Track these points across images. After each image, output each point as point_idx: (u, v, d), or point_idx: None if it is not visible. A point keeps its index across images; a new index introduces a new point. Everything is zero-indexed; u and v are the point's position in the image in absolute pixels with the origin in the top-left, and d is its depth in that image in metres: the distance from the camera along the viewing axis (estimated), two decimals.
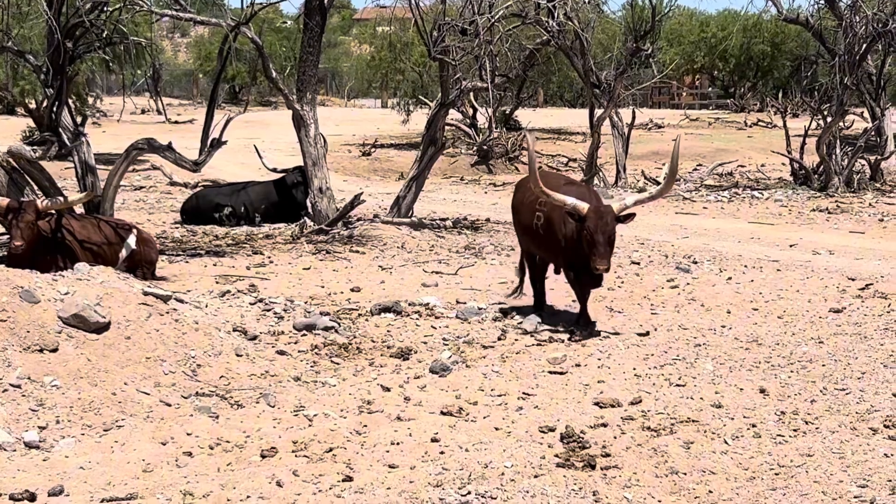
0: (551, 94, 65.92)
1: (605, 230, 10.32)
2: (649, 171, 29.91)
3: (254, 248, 16.67)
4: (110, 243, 12.95)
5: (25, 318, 8.69)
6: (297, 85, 18.74)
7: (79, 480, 6.77)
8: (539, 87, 53.78)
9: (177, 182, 26.22)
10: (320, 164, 18.58)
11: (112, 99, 56.99)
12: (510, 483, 6.78)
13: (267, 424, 8.03)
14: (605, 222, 10.33)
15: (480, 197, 26.85)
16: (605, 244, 10.31)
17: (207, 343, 9.50)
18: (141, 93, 63.85)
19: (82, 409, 7.89)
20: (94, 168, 15.08)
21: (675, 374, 9.47)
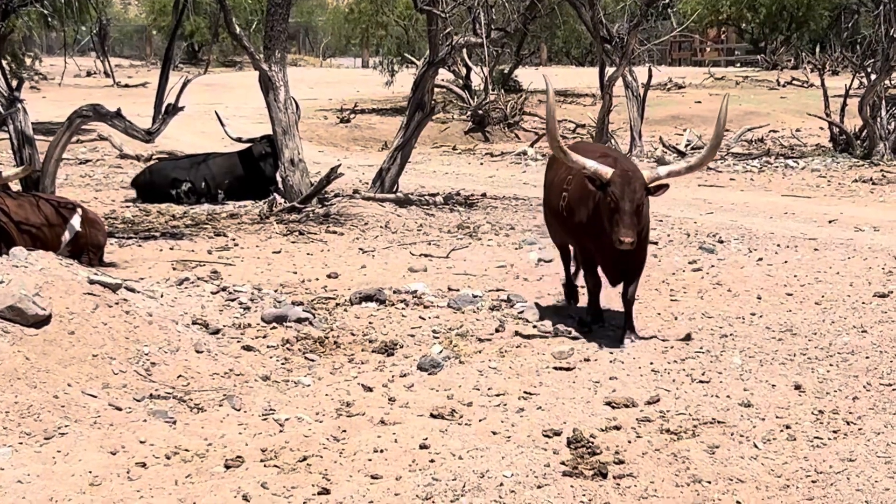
0: (556, 50, 65.96)
1: (632, 198, 9.75)
2: (668, 137, 29.93)
3: (216, 230, 16.66)
4: (51, 225, 12.92)
5: None
6: (264, 42, 18.70)
7: (16, 496, 6.75)
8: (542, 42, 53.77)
9: (128, 154, 26.20)
10: (292, 133, 18.55)
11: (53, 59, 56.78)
12: (510, 495, 6.78)
13: (231, 430, 8.02)
14: (632, 189, 9.78)
15: (475, 168, 26.88)
16: (631, 213, 9.74)
17: (163, 338, 9.48)
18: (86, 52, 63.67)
19: (20, 414, 7.87)
20: (31, 139, 15.03)
21: (698, 369, 9.48)
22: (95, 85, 48.21)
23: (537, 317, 11.26)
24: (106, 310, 9.40)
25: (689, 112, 37.75)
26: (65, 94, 40.72)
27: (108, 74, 54.24)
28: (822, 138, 30.16)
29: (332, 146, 31.63)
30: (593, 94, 40.20)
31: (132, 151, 26.07)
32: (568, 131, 34.52)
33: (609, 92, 26.42)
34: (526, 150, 29.31)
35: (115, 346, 9.05)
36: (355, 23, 47.14)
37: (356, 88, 44.14)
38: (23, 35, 39.44)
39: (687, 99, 41.00)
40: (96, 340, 9.01)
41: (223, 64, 65.32)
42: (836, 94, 28.79)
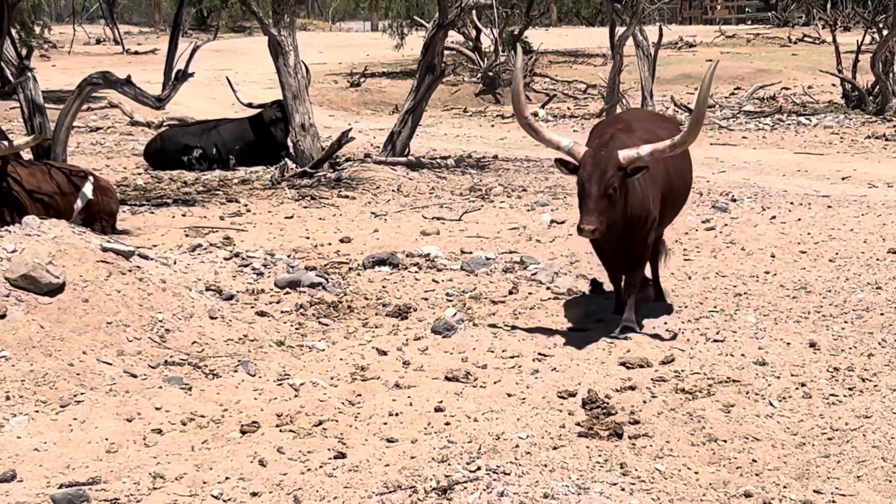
0: (566, 10, 65.62)
1: (600, 180, 8.71)
2: (680, 96, 29.81)
3: (228, 196, 16.66)
4: (63, 193, 12.90)
5: None
6: (273, 6, 18.63)
7: (33, 464, 6.77)
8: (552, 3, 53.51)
9: (138, 121, 26.17)
10: (302, 98, 18.51)
11: (61, 27, 56.70)
12: (525, 456, 6.78)
13: (247, 396, 8.04)
14: (601, 170, 8.74)
15: (486, 131, 26.82)
16: (598, 198, 8.70)
17: (177, 305, 9.49)
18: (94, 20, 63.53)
19: (35, 382, 7.89)
20: (42, 107, 15.02)
21: (713, 329, 9.48)
22: (105, 52, 48.08)
23: (550, 279, 11.24)
24: (119, 277, 9.41)
25: (701, 71, 37.28)
26: (74, 62, 40.66)
27: (118, 42, 54.12)
28: (834, 95, 30.04)
29: (343, 110, 31.57)
30: (604, 55, 40.06)
31: (143, 118, 26.04)
32: (579, 92, 34.47)
33: (620, 52, 26.32)
34: (537, 112, 29.21)
35: (129, 313, 9.07)
36: None
37: (366, 52, 44.02)
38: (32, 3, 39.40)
39: (698, 57, 40.83)
40: (110, 308, 9.03)
41: (232, 29, 65.15)
42: (848, 50, 28.67)
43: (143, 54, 46.30)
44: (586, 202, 8.78)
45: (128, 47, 51.02)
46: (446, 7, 19.14)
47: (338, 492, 6.33)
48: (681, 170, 10.05)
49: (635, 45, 28.03)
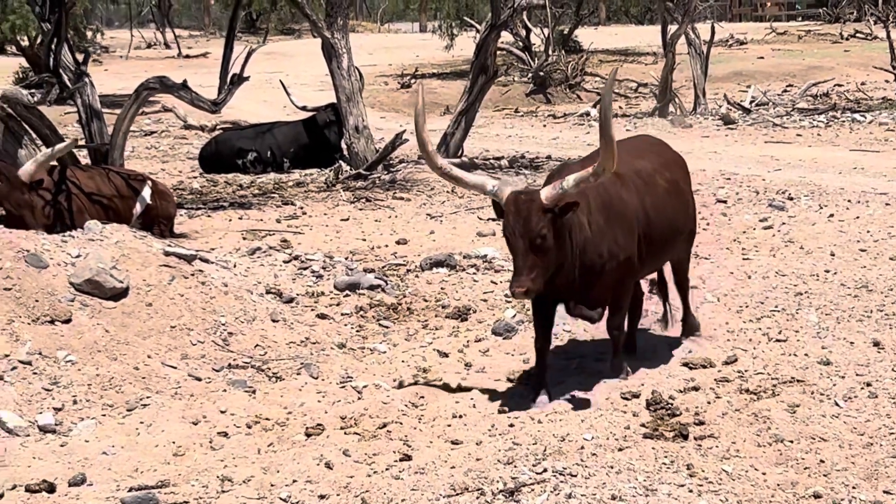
0: (614, 9, 65.50)
1: (524, 230, 7.50)
2: (732, 94, 29.64)
3: (283, 198, 16.72)
4: (122, 197, 12.96)
5: (33, 285, 8.75)
6: (326, 9, 18.71)
7: (102, 467, 6.83)
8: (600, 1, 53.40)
9: (192, 125, 26.34)
10: (356, 100, 18.58)
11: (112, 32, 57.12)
12: (591, 458, 6.77)
13: (310, 399, 8.08)
14: (524, 218, 7.52)
15: (538, 131, 26.77)
16: (525, 253, 7.50)
17: (239, 308, 9.55)
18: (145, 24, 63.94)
19: (101, 386, 7.96)
20: (99, 112, 15.12)
21: (775, 328, 9.43)
22: (156, 56, 48.41)
23: None
24: (182, 281, 9.48)
25: (752, 68, 37.43)
26: (126, 67, 40.97)
27: (169, 46, 54.46)
28: (888, 91, 29.81)
29: (394, 112, 31.63)
30: (654, 53, 39.97)
31: (196, 122, 26.20)
32: (630, 90, 34.34)
33: (672, 50, 26.27)
34: (589, 111, 29.16)
35: (193, 316, 9.13)
36: None
37: (415, 53, 44.10)
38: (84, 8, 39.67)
39: (749, 55, 40.65)
40: (173, 312, 9.10)
41: (281, 32, 65.39)
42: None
43: (195, 57, 46.60)
44: (514, 259, 7.59)
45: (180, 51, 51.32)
46: (499, 7, 19.12)
47: (405, 494, 6.34)
48: (664, 205, 8.58)
49: (687, 43, 27.97)
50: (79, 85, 14.83)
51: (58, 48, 14.55)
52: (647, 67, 37.58)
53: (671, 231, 8.76)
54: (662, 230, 8.58)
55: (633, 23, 65.09)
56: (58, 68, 14.59)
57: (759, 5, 70.88)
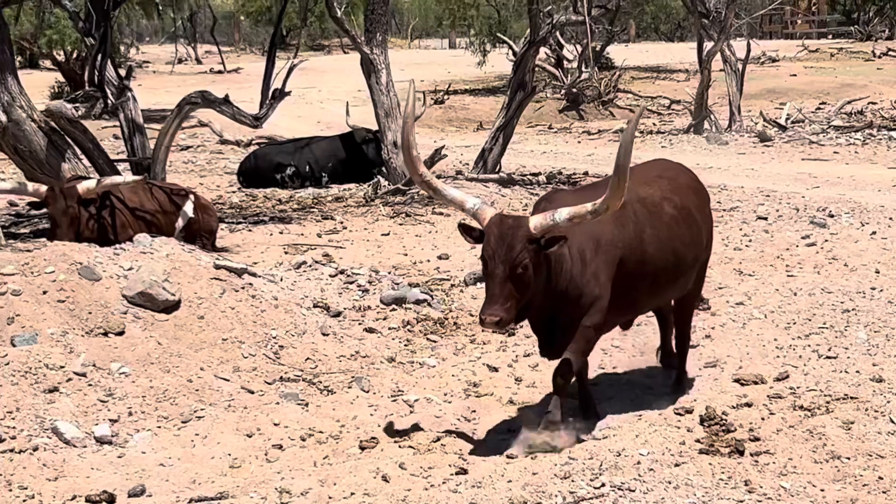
0: (644, 26, 65.46)
1: (504, 257, 7.00)
2: (766, 111, 29.58)
3: (323, 213, 16.77)
4: (165, 211, 13.01)
5: (86, 297, 8.82)
6: (365, 25, 18.77)
7: (160, 479, 6.88)
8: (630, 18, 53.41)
9: (228, 140, 26.43)
10: (394, 115, 18.62)
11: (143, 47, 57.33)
12: (649, 473, 6.77)
13: (363, 412, 8.11)
14: (507, 244, 7.02)
15: (573, 147, 26.79)
16: (502, 280, 7.01)
17: (289, 321, 9.60)
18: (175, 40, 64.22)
19: (156, 398, 8.01)
20: (142, 127, 15.24)
21: (824, 345, 9.41)
22: (188, 72, 48.58)
23: None
24: (233, 294, 9.54)
25: (785, 86, 37.33)
26: (159, 82, 41.12)
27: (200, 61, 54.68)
28: None
29: (427, 127, 31.60)
30: (686, 70, 39.92)
31: (232, 137, 26.29)
32: (662, 107, 34.32)
33: (708, 67, 26.25)
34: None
35: (244, 329, 9.18)
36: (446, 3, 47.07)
37: (447, 69, 44.09)
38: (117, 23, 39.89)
39: (781, 72, 40.53)
40: (225, 325, 9.15)
41: (311, 48, 65.53)
42: None
43: (227, 73, 46.71)
44: (489, 285, 7.06)
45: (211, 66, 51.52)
46: (538, 24, 19.16)
47: None
48: (669, 236, 7.99)
49: (723, 60, 27.95)
50: (122, 99, 14.94)
51: (102, 63, 14.66)
52: (680, 84, 37.52)
53: (676, 264, 8.06)
54: (664, 263, 7.93)
55: (663, 40, 65.00)
56: (102, 83, 14.71)
57: (790, 23, 70.69)
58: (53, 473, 6.92)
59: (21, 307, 8.52)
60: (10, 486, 6.72)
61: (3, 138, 13.74)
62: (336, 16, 18.43)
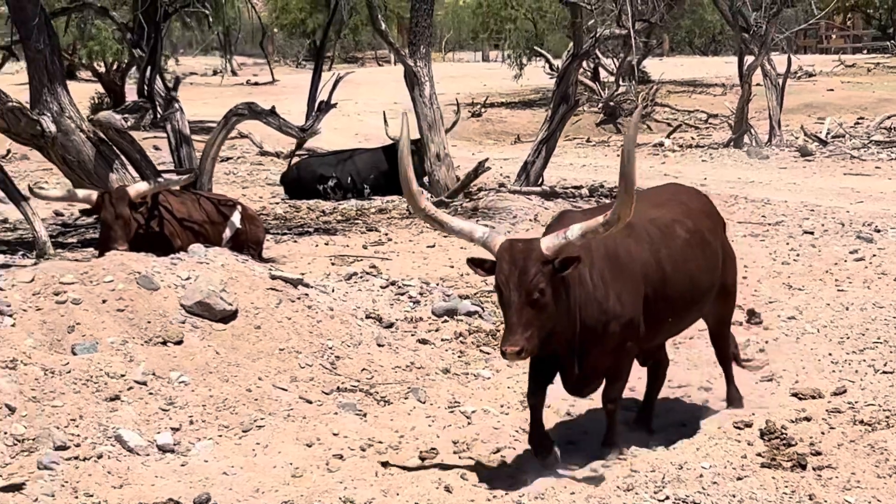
0: (678, 40, 65.33)
1: (519, 282, 6.64)
2: (808, 126, 29.51)
3: (367, 225, 16.81)
4: (213, 222, 13.05)
5: (145, 306, 8.88)
6: (409, 38, 18.84)
7: (223, 487, 6.92)
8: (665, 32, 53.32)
9: (267, 151, 26.50)
10: (437, 128, 18.69)
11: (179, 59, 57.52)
12: (712, 486, 6.78)
13: (421, 423, 8.14)
14: (521, 269, 6.66)
15: (612, 161, 26.69)
16: (520, 307, 6.64)
17: (345, 332, 9.63)
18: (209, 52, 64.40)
19: (216, 407, 8.04)
20: (189, 138, 15.31)
21: (880, 360, 9.39)
22: (225, 83, 48.73)
23: None
24: (289, 304, 9.58)
25: (822, 100, 37.23)
26: (197, 93, 41.20)
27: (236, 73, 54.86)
28: None
29: (465, 140, 31.66)
30: (722, 84, 39.88)
31: (272, 148, 26.38)
32: (700, 122, 34.27)
33: (748, 81, 26.23)
34: (663, 142, 29.16)
35: (300, 340, 9.22)
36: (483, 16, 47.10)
37: (482, 82, 44.11)
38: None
39: (818, 87, 40.41)
40: (281, 335, 9.19)
41: (345, 60, 65.69)
42: None
43: (263, 85, 46.88)
44: (507, 314, 6.71)
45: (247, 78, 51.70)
46: (581, 37, 19.19)
47: None
48: (684, 258, 7.69)
49: (763, 74, 27.93)
50: (170, 111, 15.02)
51: (152, 74, 14.75)
52: (716, 98, 37.50)
53: (693, 288, 7.75)
54: (681, 286, 7.62)
55: (698, 54, 64.90)
56: (152, 94, 14.79)
57: (825, 37, 70.46)
58: (118, 481, 6.98)
59: (81, 316, 8.59)
60: (77, 492, 6.78)
61: (52, 148, 13.80)
62: (380, 28, 18.53)
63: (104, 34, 32.00)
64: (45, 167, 15.20)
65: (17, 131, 13.58)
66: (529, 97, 39.35)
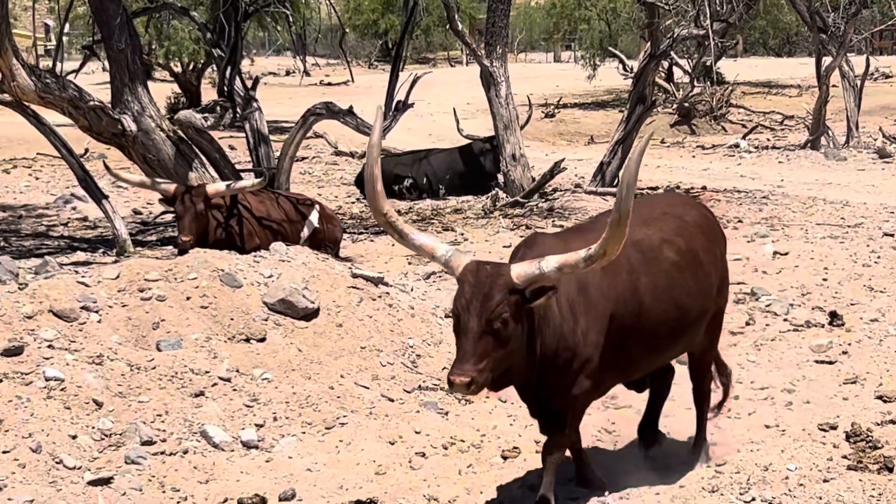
0: (752, 41, 64.94)
1: (480, 309, 5.89)
2: (886, 127, 29.22)
3: (443, 224, 16.84)
4: (291, 221, 13.12)
5: (228, 304, 8.94)
6: (485, 38, 18.87)
7: (308, 483, 6.97)
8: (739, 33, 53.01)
9: (342, 151, 26.63)
10: (513, 128, 18.70)
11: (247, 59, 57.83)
12: (798, 488, 6.74)
13: (502, 422, 8.15)
14: (484, 294, 5.92)
15: (688, 162, 26.64)
16: (476, 335, 5.86)
17: (425, 331, 9.65)
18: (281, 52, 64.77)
19: (299, 404, 8.09)
20: (267, 137, 15.42)
21: None
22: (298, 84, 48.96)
23: (786, 310, 11.10)
24: (370, 303, 9.61)
25: None
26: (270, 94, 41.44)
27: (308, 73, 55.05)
28: None
29: (538, 141, 31.63)
30: (798, 85, 39.64)
31: (346, 148, 26.51)
32: (775, 123, 34.02)
33: (826, 82, 26.02)
34: (738, 143, 28.97)
35: (382, 338, 9.24)
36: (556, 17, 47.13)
37: (555, 83, 44.07)
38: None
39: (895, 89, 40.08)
40: (363, 333, 9.22)
41: (417, 61, 65.84)
42: None
43: (336, 85, 47.08)
44: (460, 341, 5.94)
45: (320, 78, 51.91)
46: (658, 37, 19.13)
47: None
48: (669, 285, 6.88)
49: (841, 75, 27.70)
50: (249, 110, 15.12)
51: (233, 74, 14.87)
52: (792, 100, 37.24)
53: (678, 317, 6.94)
54: (664, 316, 6.83)
55: (772, 55, 64.51)
56: (232, 93, 14.91)
57: None
58: (204, 476, 7.05)
59: (166, 312, 8.67)
60: (164, 487, 6.85)
61: (133, 147, 13.95)
62: (457, 29, 18.55)
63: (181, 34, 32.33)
64: (123, 165, 15.30)
65: (98, 130, 13.73)
66: (602, 98, 39.27)
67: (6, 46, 12.50)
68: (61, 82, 13.24)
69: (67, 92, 13.17)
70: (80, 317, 8.37)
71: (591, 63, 42.46)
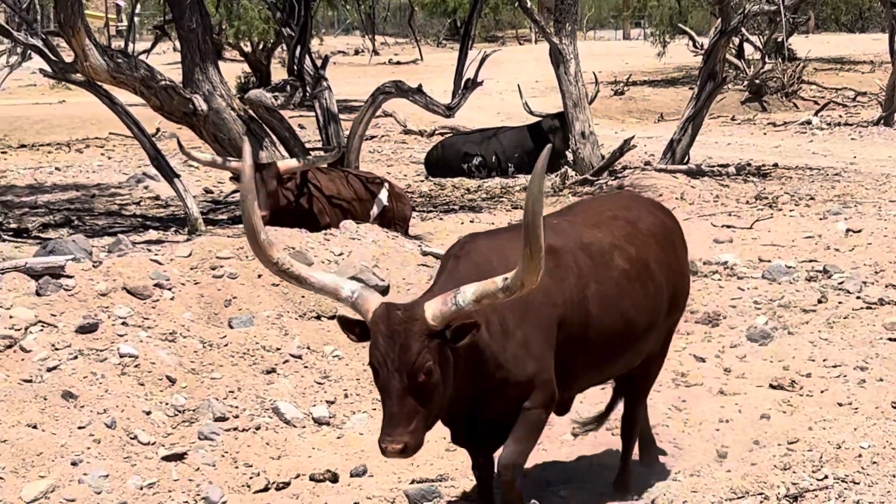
0: (823, 17, 64.24)
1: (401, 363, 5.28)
2: None
3: (513, 203, 16.82)
4: (360, 199, 13.17)
5: None
6: (554, 16, 18.81)
7: (379, 460, 6.96)
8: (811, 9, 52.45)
9: (411, 130, 26.68)
10: (582, 106, 18.66)
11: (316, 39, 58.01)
12: (872, 466, 6.68)
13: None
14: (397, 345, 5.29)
15: (758, 139, 26.42)
16: (401, 393, 5.30)
17: None
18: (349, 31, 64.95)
19: (369, 381, 8.08)
20: (336, 116, 15.44)
21: None
22: (367, 63, 49.11)
23: (858, 288, 10.98)
24: None
25: None
26: (339, 73, 41.57)
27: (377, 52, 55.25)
28: None
29: (608, 118, 31.48)
30: (871, 62, 39.18)
31: (415, 127, 26.54)
32: (848, 99, 33.64)
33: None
34: (811, 120, 28.71)
35: None
36: None
37: (624, 60, 43.84)
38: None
39: None
40: None
41: (485, 40, 65.75)
42: None
43: (405, 64, 47.15)
44: (385, 401, 5.36)
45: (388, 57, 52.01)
46: (729, 13, 18.97)
47: (686, 496, 6.37)
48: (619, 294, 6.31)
49: None
50: (319, 89, 15.17)
51: (302, 53, 14.92)
52: (864, 76, 36.81)
53: (624, 332, 6.36)
54: (610, 330, 6.24)
55: (844, 31, 63.80)
56: (302, 73, 14.97)
57: None
58: (276, 452, 7.12)
59: (238, 290, 8.75)
60: (237, 462, 6.93)
61: (204, 126, 14.07)
62: (526, 7, 18.52)
63: (251, 14, 32.46)
64: (194, 145, 15.41)
65: (169, 109, 13.85)
66: (672, 75, 39.01)
67: (79, 27, 12.64)
68: (133, 62, 13.38)
69: (139, 71, 13.29)
70: (154, 294, 8.48)
71: (660, 40, 42.16)
